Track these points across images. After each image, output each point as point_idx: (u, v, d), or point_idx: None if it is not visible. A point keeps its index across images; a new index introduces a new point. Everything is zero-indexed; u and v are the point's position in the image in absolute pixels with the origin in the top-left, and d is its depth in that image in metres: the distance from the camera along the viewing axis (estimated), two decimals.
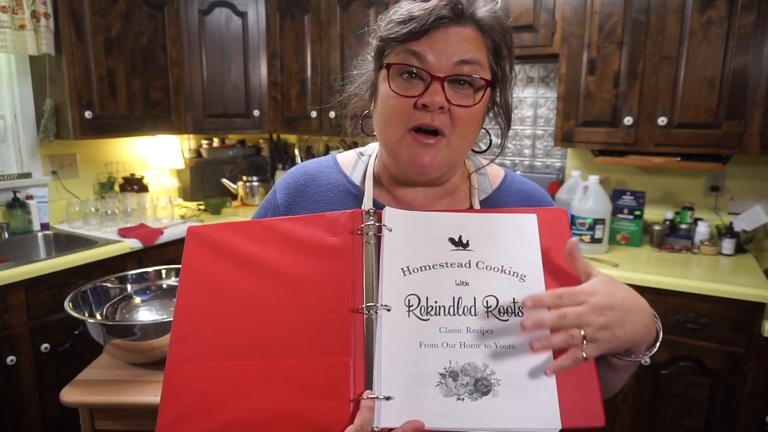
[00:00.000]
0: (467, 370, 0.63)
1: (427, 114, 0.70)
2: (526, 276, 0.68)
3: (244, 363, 0.65)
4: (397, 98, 0.71)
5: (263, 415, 0.63)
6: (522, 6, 2.24)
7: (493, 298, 0.67)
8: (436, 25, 0.68)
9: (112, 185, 2.84)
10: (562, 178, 2.63)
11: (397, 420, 0.60)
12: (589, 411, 0.62)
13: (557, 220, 0.73)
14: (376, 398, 0.61)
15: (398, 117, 0.71)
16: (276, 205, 0.87)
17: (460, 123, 0.71)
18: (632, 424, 2.00)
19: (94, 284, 1.44)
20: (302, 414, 0.62)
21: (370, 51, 0.78)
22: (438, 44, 0.69)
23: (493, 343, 0.65)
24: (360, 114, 0.84)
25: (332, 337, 0.65)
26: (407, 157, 0.73)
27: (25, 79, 2.44)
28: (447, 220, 0.72)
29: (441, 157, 0.72)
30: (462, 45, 0.69)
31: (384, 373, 0.63)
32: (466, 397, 0.62)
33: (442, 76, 0.69)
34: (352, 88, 0.83)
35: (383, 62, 0.74)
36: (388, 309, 0.66)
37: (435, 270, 0.68)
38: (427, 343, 0.64)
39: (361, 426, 0.59)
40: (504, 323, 0.66)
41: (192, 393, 0.65)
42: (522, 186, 0.87)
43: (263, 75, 2.96)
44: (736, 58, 1.91)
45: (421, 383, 0.62)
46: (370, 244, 0.69)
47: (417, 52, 0.69)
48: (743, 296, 1.75)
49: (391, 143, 0.74)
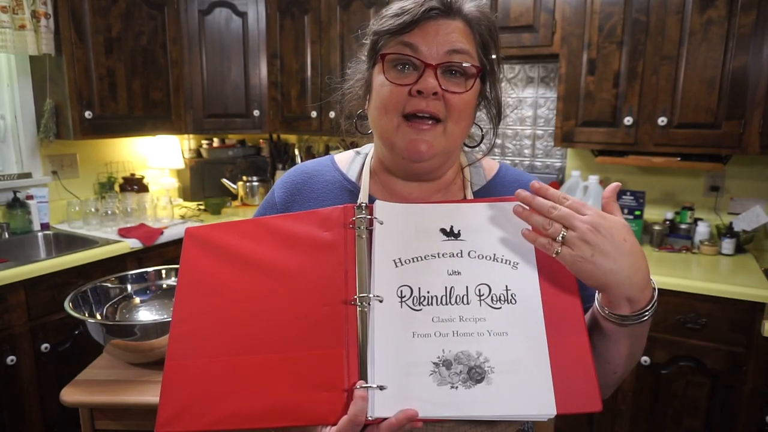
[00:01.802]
0: (460, 359, 0.64)
1: (422, 100, 0.72)
2: (519, 263, 0.69)
3: (242, 358, 0.66)
4: (391, 86, 0.73)
5: (260, 407, 0.64)
6: (522, 6, 2.24)
7: (486, 287, 0.68)
8: (427, 17, 0.72)
9: (112, 185, 2.84)
10: (562, 178, 2.63)
11: (391, 409, 0.61)
12: (586, 396, 0.62)
13: None
14: (369, 388, 0.62)
15: (393, 104, 0.73)
16: (274, 204, 0.89)
17: (455, 109, 0.73)
18: (632, 424, 2.00)
19: (94, 284, 1.44)
20: (298, 405, 0.63)
21: (364, 51, 0.80)
22: (429, 35, 0.72)
23: (486, 330, 0.65)
24: (355, 113, 0.86)
25: (326, 329, 0.66)
26: (403, 144, 0.74)
27: (25, 79, 2.44)
28: (438, 211, 0.73)
29: (437, 144, 0.74)
30: (452, 35, 0.73)
31: (377, 363, 0.63)
32: (459, 386, 0.63)
33: (434, 63, 0.72)
34: (347, 86, 0.85)
35: (377, 55, 0.76)
36: (381, 300, 0.67)
37: (427, 261, 0.69)
38: (420, 333, 0.65)
39: (354, 415, 0.60)
40: (497, 311, 0.66)
41: (191, 388, 0.66)
42: (516, 176, 0.88)
43: (263, 75, 2.96)
44: (736, 58, 1.91)
45: (414, 372, 0.63)
46: (362, 238, 0.71)
47: (410, 43, 0.72)
48: (743, 296, 1.75)
49: (387, 132, 0.76)
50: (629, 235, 0.64)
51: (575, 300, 0.68)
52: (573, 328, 0.66)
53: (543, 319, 0.66)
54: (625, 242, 0.62)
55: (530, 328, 0.66)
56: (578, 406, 0.62)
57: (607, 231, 0.62)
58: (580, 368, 0.64)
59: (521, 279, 0.68)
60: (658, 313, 0.65)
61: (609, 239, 0.61)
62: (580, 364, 0.64)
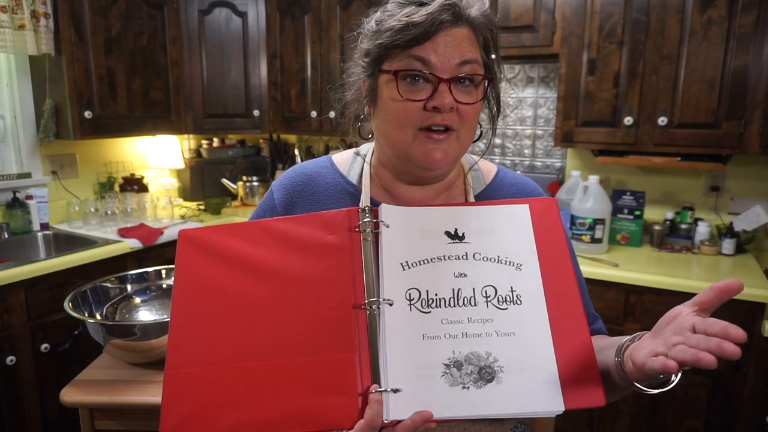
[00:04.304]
0: (471, 359, 0.65)
1: (437, 114, 0.72)
2: (522, 265, 0.71)
3: (248, 365, 0.65)
4: (405, 102, 0.73)
5: (272, 415, 0.63)
6: (522, 6, 2.24)
7: (492, 288, 0.69)
8: (437, 29, 0.71)
9: (112, 185, 2.84)
10: (562, 178, 2.63)
11: (406, 411, 0.61)
12: (591, 392, 0.64)
13: (548, 208, 0.76)
14: (384, 391, 0.62)
15: (408, 120, 0.73)
16: (273, 206, 0.87)
17: (467, 118, 0.74)
18: (632, 424, 2.00)
19: (94, 284, 1.44)
20: (312, 412, 0.62)
21: (363, 56, 0.80)
22: (440, 47, 0.71)
23: (495, 331, 0.66)
24: (356, 117, 0.86)
25: (336, 334, 0.66)
26: (420, 155, 0.74)
27: (25, 79, 2.44)
28: (442, 215, 0.74)
29: (451, 151, 0.75)
30: (461, 46, 0.72)
31: (390, 366, 0.64)
32: (471, 386, 0.64)
33: (447, 77, 0.71)
34: (350, 94, 0.85)
35: (383, 68, 0.75)
36: (390, 303, 0.67)
37: (433, 263, 0.70)
38: (430, 335, 0.66)
39: (371, 419, 0.60)
40: (504, 312, 0.68)
41: (195, 397, 0.64)
42: (514, 179, 0.89)
43: (263, 75, 2.96)
44: (736, 58, 1.91)
45: (426, 375, 0.64)
46: (368, 241, 0.70)
47: (421, 57, 0.71)
48: (743, 296, 1.75)
49: (402, 145, 0.75)
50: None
51: (577, 301, 0.69)
52: (576, 328, 0.68)
53: (548, 318, 0.67)
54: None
55: (536, 327, 0.67)
56: (584, 401, 0.64)
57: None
58: (584, 365, 0.65)
59: (525, 280, 0.70)
60: (657, 313, 0.65)
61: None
62: (584, 362, 0.65)
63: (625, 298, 1.96)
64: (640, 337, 0.64)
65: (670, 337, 0.57)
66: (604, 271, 1.98)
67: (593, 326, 0.86)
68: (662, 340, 0.58)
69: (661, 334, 0.59)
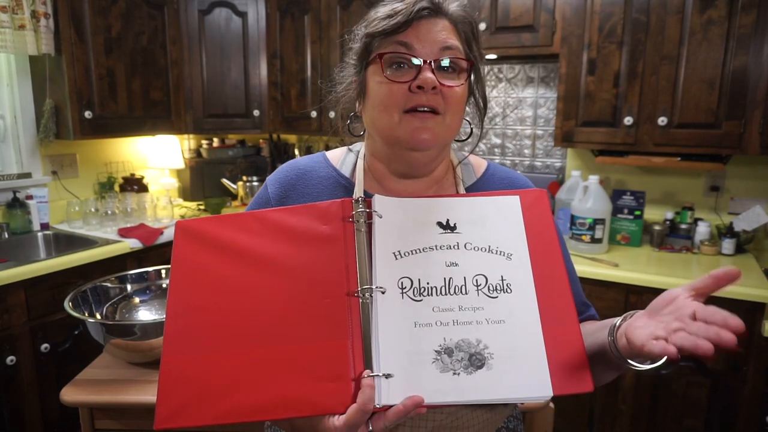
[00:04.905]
0: (461, 346, 0.66)
1: (422, 95, 0.74)
2: (512, 254, 0.72)
3: (243, 351, 0.66)
4: (390, 84, 0.76)
5: (266, 400, 0.64)
6: (522, 6, 2.24)
7: (482, 277, 0.71)
8: (418, 17, 0.75)
9: (112, 185, 2.84)
10: (562, 178, 2.63)
11: (397, 397, 0.63)
12: (578, 378, 0.66)
13: (538, 200, 0.77)
14: (376, 377, 0.63)
15: (394, 101, 0.76)
16: (268, 200, 0.88)
17: (452, 102, 0.76)
18: (632, 424, 2.00)
19: (94, 284, 1.44)
20: (305, 396, 0.64)
21: (353, 54, 0.83)
22: (422, 34, 0.75)
23: (485, 319, 0.68)
24: (347, 116, 0.88)
25: (329, 321, 0.67)
26: (407, 135, 0.76)
27: (25, 79, 2.44)
28: (434, 205, 0.76)
29: (438, 132, 0.77)
30: (442, 33, 0.76)
31: (382, 352, 0.65)
32: (461, 372, 0.65)
33: (430, 60, 0.75)
34: (340, 89, 0.88)
35: (371, 56, 0.78)
36: (383, 291, 0.68)
37: (425, 253, 0.72)
38: (421, 323, 0.67)
39: (363, 404, 0.61)
40: (494, 300, 0.69)
41: (190, 383, 0.65)
42: (505, 173, 0.92)
43: (263, 75, 2.96)
44: (736, 58, 1.91)
45: (417, 361, 0.65)
46: (361, 231, 0.72)
47: (405, 42, 0.75)
48: (743, 296, 1.75)
49: (389, 128, 0.77)
50: None
51: (566, 289, 0.71)
52: (565, 316, 0.70)
53: (537, 307, 0.69)
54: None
55: (525, 315, 0.69)
56: (572, 388, 0.65)
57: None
58: (572, 352, 0.67)
59: (515, 269, 0.71)
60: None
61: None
62: (573, 349, 0.67)
63: (625, 298, 1.96)
64: (632, 315, 0.66)
65: (670, 322, 0.59)
66: (604, 271, 1.98)
67: (586, 314, 0.88)
68: (663, 324, 0.59)
69: (660, 316, 0.61)
